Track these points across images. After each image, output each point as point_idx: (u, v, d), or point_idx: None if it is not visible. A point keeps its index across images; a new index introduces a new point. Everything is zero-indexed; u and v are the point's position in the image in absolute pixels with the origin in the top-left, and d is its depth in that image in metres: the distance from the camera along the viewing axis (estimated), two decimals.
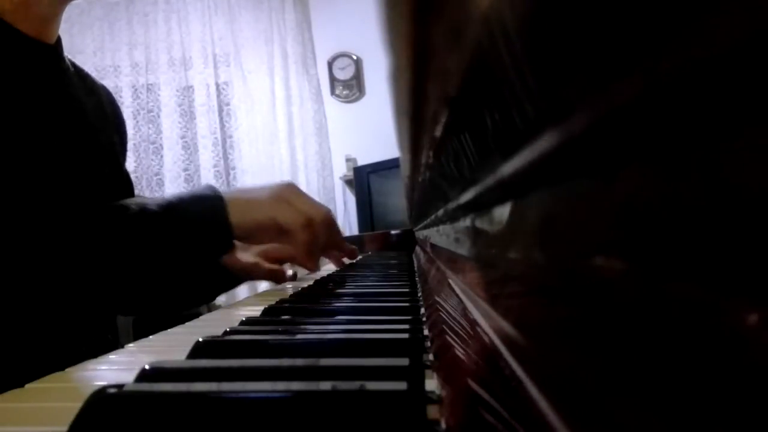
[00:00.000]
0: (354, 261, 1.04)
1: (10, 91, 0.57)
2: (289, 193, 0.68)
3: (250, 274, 0.74)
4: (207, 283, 0.73)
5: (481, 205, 0.27)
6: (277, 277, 0.76)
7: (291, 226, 0.65)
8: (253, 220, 0.64)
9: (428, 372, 0.24)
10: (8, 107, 0.56)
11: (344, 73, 3.04)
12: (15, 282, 0.52)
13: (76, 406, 0.19)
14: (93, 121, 0.67)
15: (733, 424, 0.07)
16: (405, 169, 0.60)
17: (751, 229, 0.07)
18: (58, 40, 0.66)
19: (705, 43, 0.07)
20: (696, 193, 0.08)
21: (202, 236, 0.61)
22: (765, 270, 0.06)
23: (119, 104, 0.84)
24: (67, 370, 0.31)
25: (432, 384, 0.22)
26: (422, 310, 0.42)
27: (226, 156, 3.05)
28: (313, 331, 0.36)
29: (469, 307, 0.30)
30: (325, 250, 0.76)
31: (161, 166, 3.01)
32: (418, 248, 1.24)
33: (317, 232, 0.68)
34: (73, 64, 0.71)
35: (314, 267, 0.74)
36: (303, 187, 3.14)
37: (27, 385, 0.28)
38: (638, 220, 0.10)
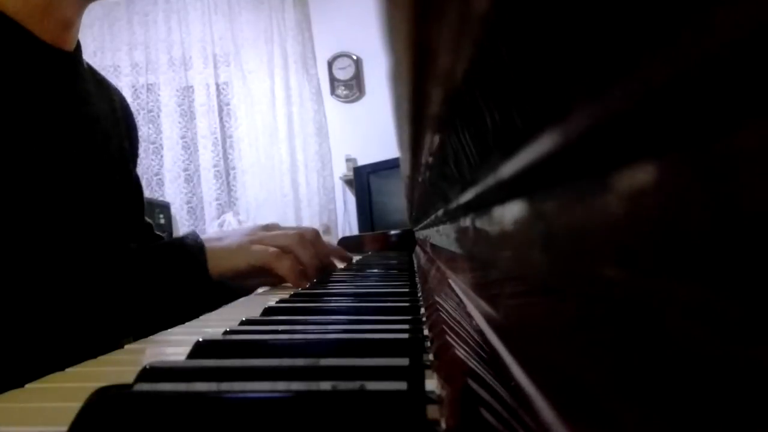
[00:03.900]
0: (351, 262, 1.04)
1: (24, 99, 0.57)
2: (259, 233, 0.69)
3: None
4: (206, 300, 0.74)
5: (481, 205, 0.27)
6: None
7: (266, 262, 0.67)
8: (229, 268, 0.66)
9: (428, 372, 0.24)
10: (21, 115, 0.56)
11: (344, 73, 3.04)
12: (16, 285, 0.52)
13: (76, 406, 0.19)
14: (105, 129, 0.68)
15: (732, 424, 0.07)
16: (405, 169, 0.60)
17: (752, 230, 0.07)
18: (78, 46, 0.66)
19: (701, 43, 0.07)
20: (695, 194, 0.08)
21: (182, 286, 0.63)
22: (765, 271, 0.06)
23: None
24: (67, 370, 0.31)
25: (432, 384, 0.22)
26: (422, 310, 0.42)
27: (226, 156, 3.05)
28: (313, 331, 0.36)
29: (469, 307, 0.30)
30: (321, 264, 0.76)
31: (161, 166, 3.01)
32: (418, 248, 1.24)
33: (298, 256, 0.69)
34: (91, 69, 0.71)
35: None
36: (303, 187, 3.15)
37: (27, 385, 0.28)
38: (638, 220, 0.10)
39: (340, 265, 0.98)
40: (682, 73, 0.08)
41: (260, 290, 0.76)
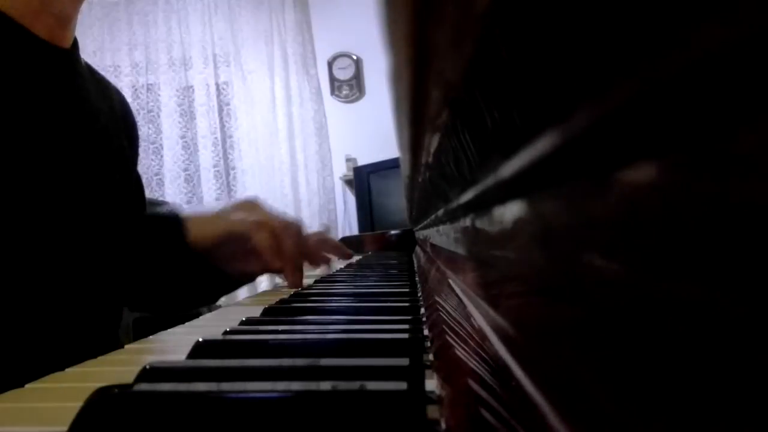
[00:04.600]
0: (350, 260, 1.04)
1: (22, 96, 0.57)
2: (245, 205, 0.69)
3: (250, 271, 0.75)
4: (207, 286, 0.74)
5: (481, 205, 0.27)
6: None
7: (245, 229, 0.66)
8: (209, 233, 0.66)
9: (428, 372, 0.24)
10: (19, 112, 0.56)
11: (344, 73, 3.04)
12: (16, 283, 0.52)
13: (76, 406, 0.19)
14: (105, 127, 0.67)
15: (731, 424, 0.07)
16: (405, 169, 0.60)
17: (751, 230, 0.07)
18: (75, 43, 0.66)
19: (700, 44, 0.07)
20: (694, 194, 0.08)
21: (161, 251, 0.64)
22: (764, 271, 0.06)
23: None
24: (67, 370, 0.31)
25: (432, 384, 0.22)
26: (422, 310, 0.42)
27: (226, 156, 3.05)
28: (313, 331, 0.36)
29: (469, 307, 0.30)
30: (303, 256, 0.74)
31: (161, 166, 3.01)
32: (418, 248, 1.24)
33: (278, 235, 0.68)
34: (89, 67, 0.71)
35: (294, 282, 0.71)
36: (303, 187, 3.13)
37: (27, 385, 0.28)
38: (638, 220, 0.10)
39: (337, 264, 0.98)
40: (682, 73, 0.08)
41: (261, 290, 0.76)
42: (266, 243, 0.67)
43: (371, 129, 2.86)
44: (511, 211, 0.20)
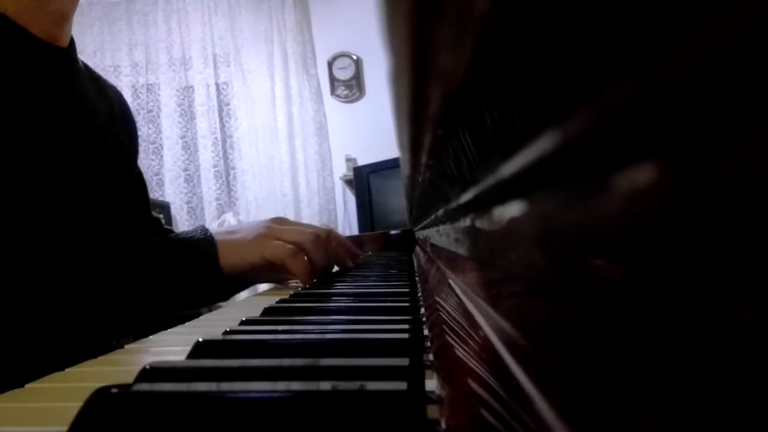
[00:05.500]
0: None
1: (20, 95, 0.56)
2: (275, 227, 0.69)
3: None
4: (218, 295, 0.74)
5: (481, 205, 0.27)
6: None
7: (281, 259, 0.66)
8: (243, 261, 0.65)
9: (428, 372, 0.24)
10: (18, 112, 0.56)
11: (344, 73, 3.04)
12: (16, 284, 0.52)
13: (76, 406, 0.19)
14: (103, 125, 0.67)
15: (731, 423, 0.07)
16: (405, 169, 0.60)
17: (751, 229, 0.07)
18: (72, 42, 0.66)
19: (701, 43, 0.07)
20: (694, 193, 0.08)
21: (192, 280, 0.63)
22: (764, 270, 0.06)
23: None
24: (67, 370, 0.31)
25: (432, 384, 0.22)
26: (422, 310, 0.42)
27: (226, 156, 3.05)
28: (313, 331, 0.36)
29: (469, 307, 0.30)
30: (330, 265, 0.76)
31: (161, 166, 3.01)
32: (418, 248, 1.24)
33: (310, 256, 0.69)
34: (86, 66, 0.71)
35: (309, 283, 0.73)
36: (303, 187, 3.12)
37: (27, 385, 0.28)
38: (638, 219, 0.10)
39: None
40: (682, 74, 0.08)
41: (261, 289, 0.76)
42: (302, 269, 0.68)
43: (371, 129, 2.86)
44: (510, 211, 0.20)
